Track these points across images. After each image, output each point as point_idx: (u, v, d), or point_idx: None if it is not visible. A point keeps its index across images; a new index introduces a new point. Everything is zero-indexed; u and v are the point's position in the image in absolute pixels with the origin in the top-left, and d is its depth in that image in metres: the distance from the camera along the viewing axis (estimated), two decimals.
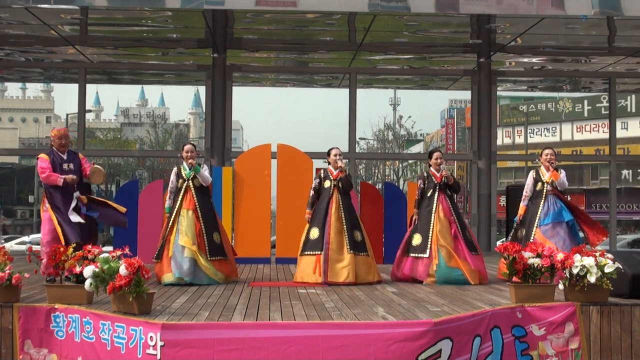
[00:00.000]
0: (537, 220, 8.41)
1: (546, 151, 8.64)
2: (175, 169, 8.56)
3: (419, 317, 5.85)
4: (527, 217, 8.57)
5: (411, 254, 8.48)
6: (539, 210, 8.43)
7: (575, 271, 6.21)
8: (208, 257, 8.19)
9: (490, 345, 5.86)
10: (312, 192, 8.64)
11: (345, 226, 8.37)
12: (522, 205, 8.67)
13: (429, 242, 8.35)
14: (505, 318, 6.04)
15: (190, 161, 8.39)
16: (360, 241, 8.43)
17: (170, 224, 8.29)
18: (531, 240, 8.16)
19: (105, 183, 41.16)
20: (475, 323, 5.82)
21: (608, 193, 15.69)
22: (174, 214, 8.29)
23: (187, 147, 8.54)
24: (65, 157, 7.91)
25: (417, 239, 8.48)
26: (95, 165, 8.03)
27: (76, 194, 7.74)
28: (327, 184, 8.57)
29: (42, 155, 7.89)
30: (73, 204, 7.70)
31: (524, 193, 8.67)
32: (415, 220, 8.64)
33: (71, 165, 7.89)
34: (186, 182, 8.40)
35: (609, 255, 6.38)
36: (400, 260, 8.61)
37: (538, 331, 6.09)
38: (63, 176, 7.73)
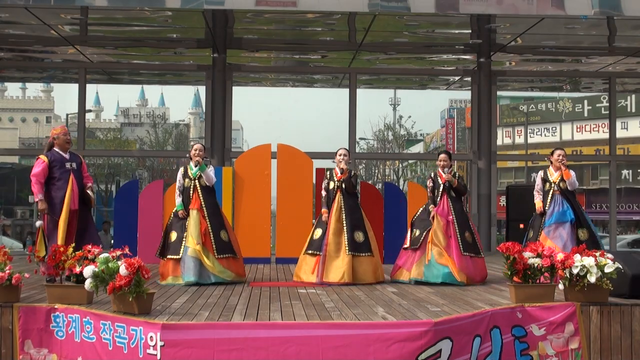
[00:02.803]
0: (542, 222, 8.45)
1: (558, 152, 8.70)
2: (181, 169, 8.61)
3: (419, 317, 5.85)
4: (536, 220, 8.60)
5: (408, 247, 8.57)
6: (547, 211, 8.47)
7: (575, 271, 6.21)
8: (216, 255, 8.20)
9: (490, 345, 5.86)
10: (323, 192, 8.75)
11: (345, 227, 8.41)
12: (539, 200, 8.65)
13: (422, 238, 8.42)
14: (505, 318, 6.04)
15: (197, 159, 8.42)
16: (362, 242, 8.45)
17: (180, 224, 8.31)
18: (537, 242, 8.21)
19: (105, 183, 41.13)
20: (475, 323, 5.82)
21: (608, 193, 15.67)
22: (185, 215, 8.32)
23: (197, 145, 8.62)
24: (67, 156, 7.91)
25: (415, 233, 8.59)
26: (89, 192, 7.98)
27: (38, 222, 7.56)
28: (331, 184, 8.65)
29: (42, 158, 7.81)
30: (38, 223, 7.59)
31: (536, 192, 8.70)
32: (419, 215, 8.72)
33: (73, 165, 7.91)
34: (192, 182, 8.42)
35: (609, 255, 6.38)
36: (400, 255, 8.68)
37: (538, 331, 6.09)
38: (41, 198, 7.66)
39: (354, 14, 11.42)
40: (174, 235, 8.32)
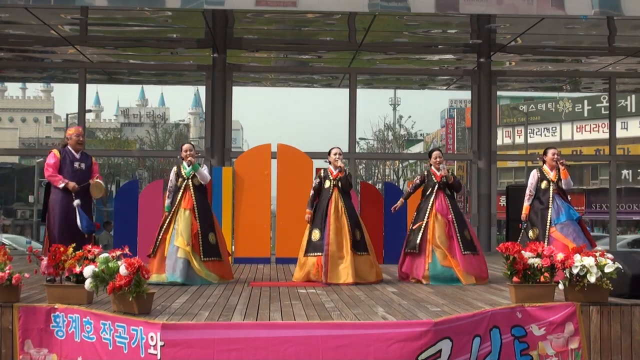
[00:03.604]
0: (549, 219, 8.40)
1: (552, 150, 8.66)
2: (175, 168, 8.58)
3: (419, 317, 5.85)
4: (537, 217, 8.55)
5: (408, 250, 8.54)
6: (550, 209, 8.43)
7: (575, 271, 6.21)
8: (202, 257, 8.19)
9: (490, 345, 5.86)
10: (312, 192, 8.67)
11: (344, 226, 8.39)
12: (527, 205, 8.61)
13: (423, 240, 8.40)
14: (505, 318, 6.03)
15: (189, 159, 8.41)
16: (360, 240, 8.44)
17: (167, 222, 8.30)
18: (547, 239, 8.18)
19: (106, 183, 41.18)
20: (475, 323, 5.81)
21: (608, 193, 15.69)
22: (175, 215, 8.30)
23: (186, 146, 8.58)
24: (78, 156, 8.02)
25: (412, 236, 8.53)
26: (98, 180, 8.07)
27: (76, 202, 7.77)
28: (327, 183, 8.59)
29: (54, 151, 8.01)
30: (77, 209, 7.75)
31: (528, 192, 8.63)
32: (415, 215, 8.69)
33: (82, 165, 8.01)
34: (185, 181, 8.41)
35: (609, 255, 6.37)
36: (403, 259, 8.66)
37: (538, 331, 6.08)
38: (66, 181, 7.80)
39: (354, 14, 11.42)
40: (159, 235, 8.33)
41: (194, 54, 14.29)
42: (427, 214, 8.49)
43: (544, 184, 8.57)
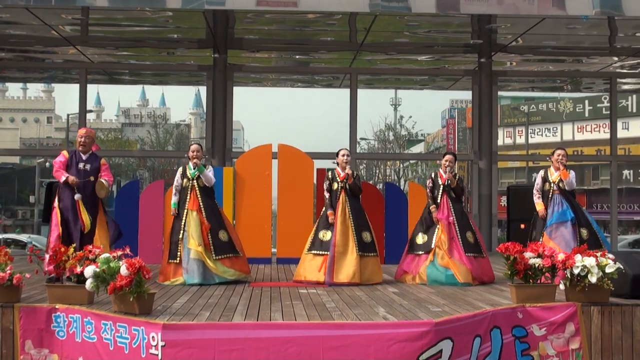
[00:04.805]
0: (544, 223, 8.47)
1: (558, 151, 8.67)
2: (180, 169, 8.62)
3: (420, 317, 5.85)
4: (538, 220, 8.60)
5: (415, 252, 8.55)
6: (547, 212, 8.47)
7: (576, 271, 6.21)
8: (214, 256, 8.20)
9: (490, 345, 5.86)
10: (326, 194, 8.67)
11: (352, 228, 8.40)
12: (537, 201, 8.66)
13: (433, 241, 8.43)
14: (506, 318, 6.04)
15: (195, 160, 8.42)
16: (370, 242, 8.47)
17: (178, 225, 8.31)
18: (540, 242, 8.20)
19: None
20: (475, 323, 5.82)
21: (609, 193, 15.68)
22: (183, 217, 8.31)
23: (194, 146, 8.59)
24: (84, 157, 8.09)
25: (421, 238, 8.55)
26: (101, 179, 8.12)
27: (77, 196, 7.85)
28: (334, 185, 8.61)
29: (63, 152, 8.18)
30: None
31: (535, 192, 8.69)
32: (425, 217, 8.71)
33: (87, 166, 8.06)
34: (191, 182, 8.42)
35: (610, 256, 6.38)
36: (404, 258, 8.69)
37: (539, 331, 6.08)
38: (66, 175, 7.89)
39: (355, 14, 11.42)
40: (172, 239, 8.35)
41: (195, 54, 14.29)
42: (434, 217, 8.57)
43: (546, 186, 8.61)
